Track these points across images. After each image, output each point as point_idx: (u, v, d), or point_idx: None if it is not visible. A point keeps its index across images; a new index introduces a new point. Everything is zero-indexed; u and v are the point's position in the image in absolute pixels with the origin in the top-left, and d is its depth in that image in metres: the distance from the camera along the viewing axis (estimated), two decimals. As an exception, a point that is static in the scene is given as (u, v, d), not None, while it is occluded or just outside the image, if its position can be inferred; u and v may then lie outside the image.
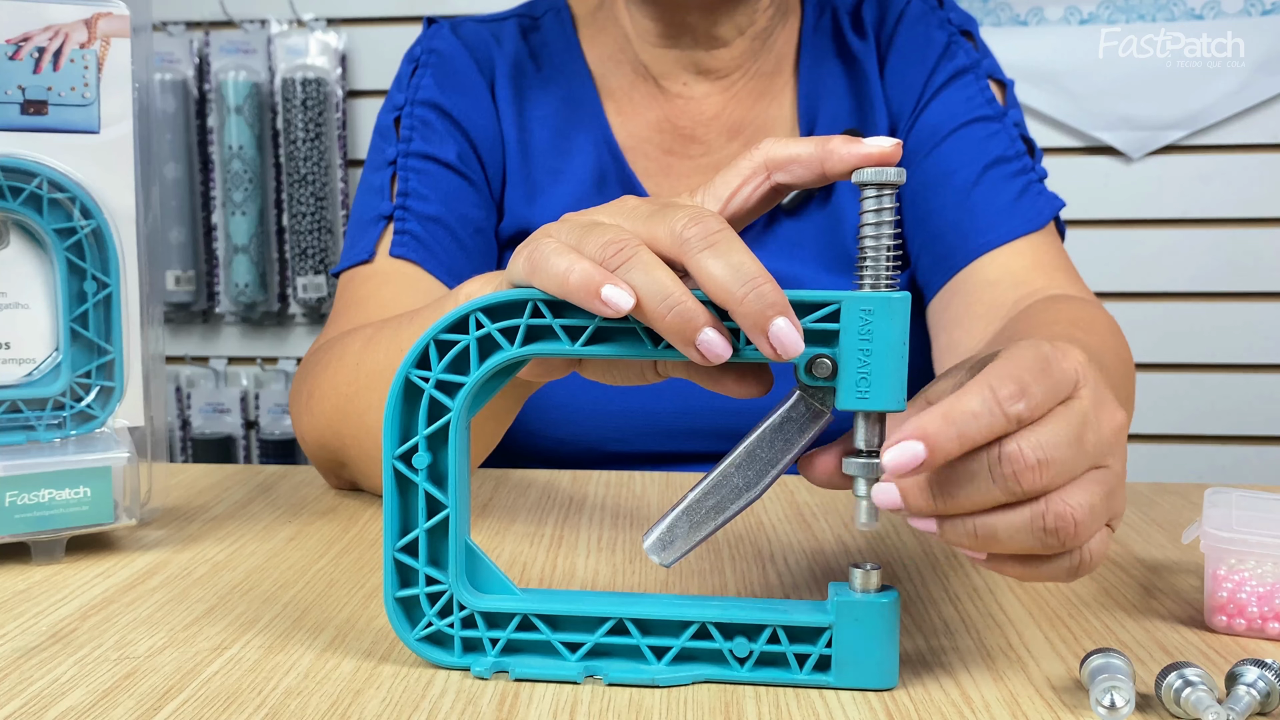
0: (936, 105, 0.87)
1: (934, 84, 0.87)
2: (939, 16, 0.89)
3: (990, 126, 0.86)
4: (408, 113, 0.88)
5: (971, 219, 0.83)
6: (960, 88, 0.87)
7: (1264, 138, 1.82)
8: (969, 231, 0.83)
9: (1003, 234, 0.82)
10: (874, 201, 0.43)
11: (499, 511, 0.71)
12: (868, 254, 0.43)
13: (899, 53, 0.88)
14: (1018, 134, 0.86)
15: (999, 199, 0.83)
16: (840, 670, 0.44)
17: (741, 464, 0.45)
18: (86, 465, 0.60)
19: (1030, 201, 0.83)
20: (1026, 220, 0.82)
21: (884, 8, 0.90)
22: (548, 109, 0.90)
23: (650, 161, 0.89)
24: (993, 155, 0.84)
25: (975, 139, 0.85)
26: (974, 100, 0.87)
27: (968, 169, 0.84)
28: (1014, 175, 0.84)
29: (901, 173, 0.43)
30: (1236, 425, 1.88)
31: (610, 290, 0.42)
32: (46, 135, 0.60)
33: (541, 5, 0.95)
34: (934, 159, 0.86)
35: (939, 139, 0.86)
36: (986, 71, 0.88)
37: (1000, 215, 0.82)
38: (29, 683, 0.45)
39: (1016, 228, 0.82)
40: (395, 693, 0.44)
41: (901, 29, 0.89)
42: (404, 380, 0.45)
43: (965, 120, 0.86)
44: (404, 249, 0.83)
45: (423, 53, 0.91)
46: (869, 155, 0.45)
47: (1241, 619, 0.50)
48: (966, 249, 0.82)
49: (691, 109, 0.89)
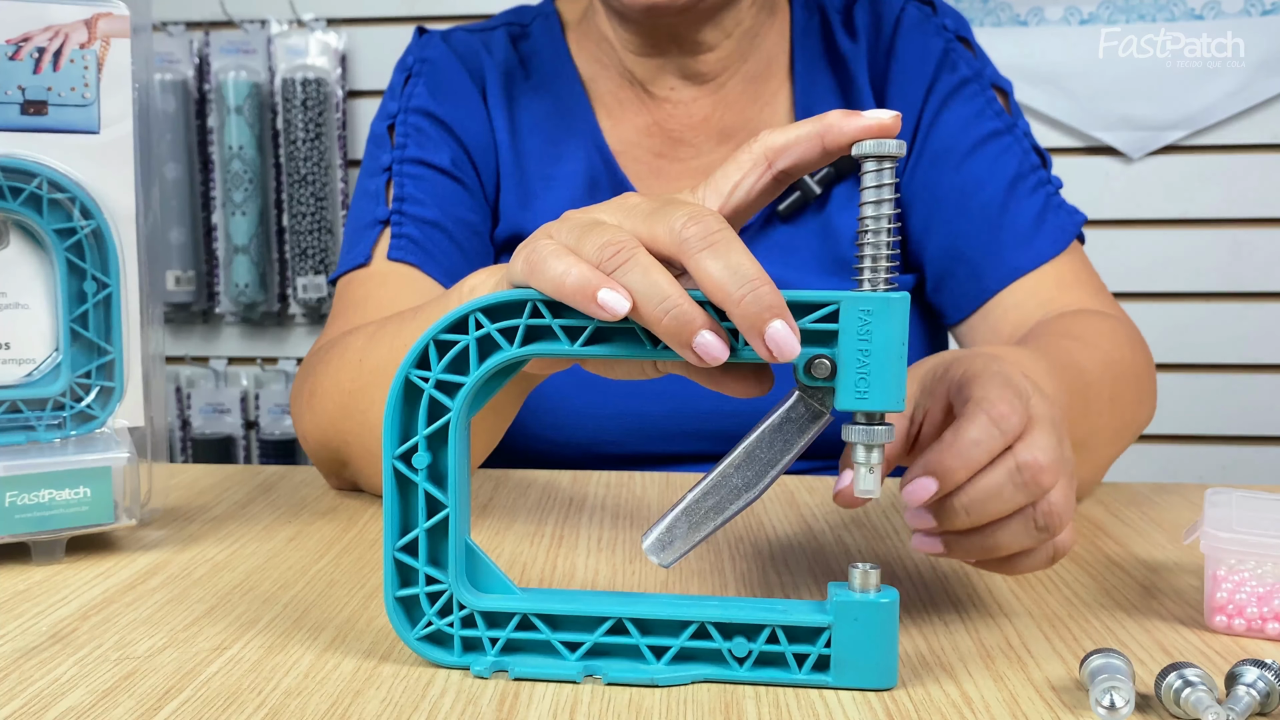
0: (947, 121, 0.86)
1: (937, 94, 0.87)
2: (935, 23, 0.89)
3: (1003, 141, 0.86)
4: (401, 120, 0.89)
5: (998, 246, 0.83)
6: (966, 100, 0.87)
7: (1264, 138, 1.82)
8: (996, 259, 0.83)
9: (1030, 259, 0.83)
10: (874, 176, 0.43)
11: (499, 511, 0.71)
12: (868, 230, 0.43)
13: (900, 62, 0.88)
14: (1029, 145, 0.86)
15: (1022, 221, 0.83)
16: (839, 670, 0.44)
17: (741, 464, 0.45)
18: (86, 465, 0.60)
19: (1053, 220, 0.84)
20: (1052, 242, 0.83)
21: (878, 13, 0.90)
22: (539, 115, 0.90)
23: (641, 165, 0.89)
24: (1010, 173, 0.85)
25: (991, 157, 0.85)
26: (984, 114, 0.86)
27: (988, 191, 0.84)
28: (1033, 191, 0.84)
29: (902, 145, 0.43)
30: (1236, 425, 1.88)
31: (606, 294, 0.42)
32: (46, 135, 0.60)
33: (531, 12, 0.95)
34: (952, 180, 0.85)
35: (956, 160, 0.86)
36: (990, 80, 0.88)
37: (1025, 239, 0.83)
38: (29, 683, 0.45)
39: (1043, 251, 0.83)
40: (395, 692, 0.45)
41: (900, 38, 0.88)
42: (404, 380, 0.45)
43: (979, 138, 0.86)
44: (401, 252, 0.84)
45: (415, 62, 0.92)
46: (868, 126, 0.45)
47: (1241, 619, 0.50)
48: (996, 275, 0.83)
49: (680, 113, 0.89)
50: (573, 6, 0.94)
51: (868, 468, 0.44)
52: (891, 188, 0.43)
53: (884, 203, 0.43)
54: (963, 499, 0.47)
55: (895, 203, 0.43)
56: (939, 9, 0.90)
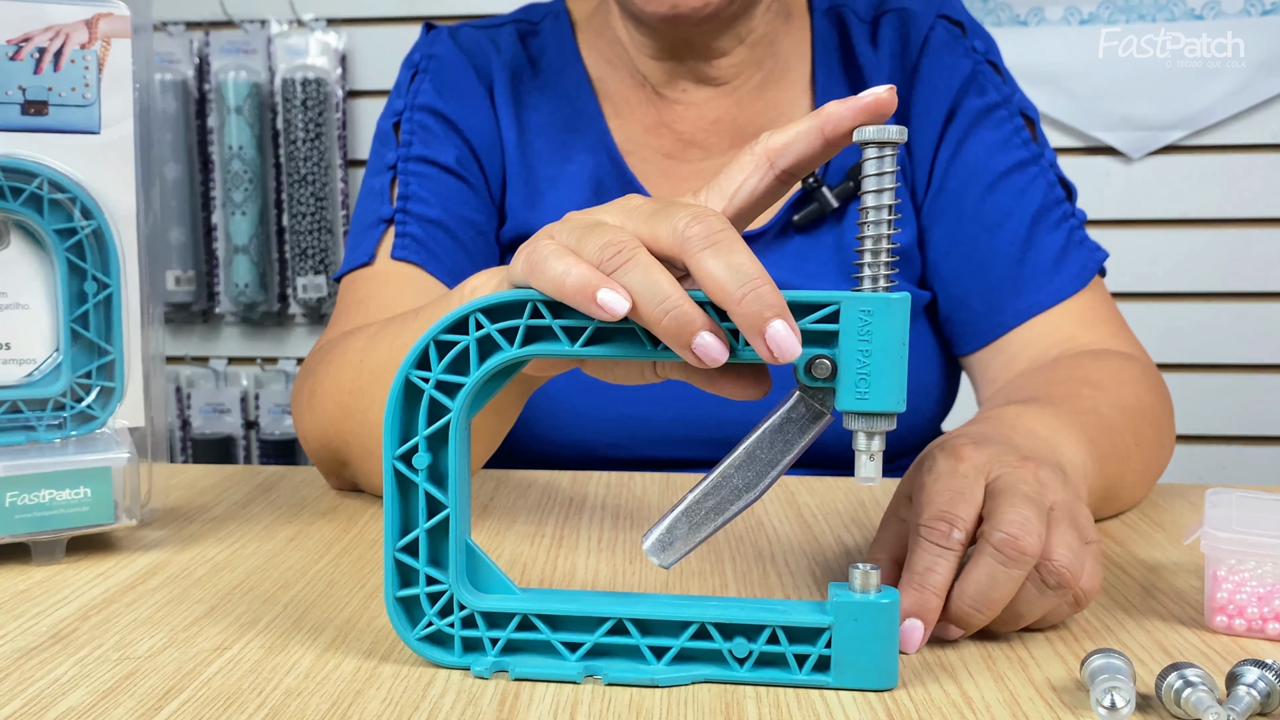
0: (974, 147, 0.86)
1: (964, 117, 0.86)
2: (964, 45, 0.88)
3: (1029, 172, 0.85)
4: (407, 118, 0.89)
5: (1019, 281, 0.83)
6: (994, 127, 0.86)
7: (1264, 138, 1.82)
8: (1016, 294, 0.83)
9: (1051, 295, 0.82)
10: (875, 164, 0.43)
11: (499, 512, 0.71)
12: (869, 219, 0.43)
13: (925, 83, 0.87)
14: (1054, 176, 0.85)
15: (1044, 257, 0.83)
16: (839, 670, 0.44)
17: (741, 465, 0.45)
18: (86, 465, 0.60)
19: (1075, 256, 0.83)
20: (1074, 278, 0.82)
21: (906, 31, 0.88)
22: (546, 113, 0.90)
23: (650, 165, 0.89)
24: (1035, 206, 0.84)
25: (1016, 189, 0.84)
26: (1010, 142, 0.85)
27: (1012, 224, 0.84)
28: (1057, 224, 0.84)
29: (903, 131, 0.43)
30: (1236, 425, 1.88)
31: (606, 294, 0.42)
32: (47, 135, 0.60)
33: (541, 10, 0.95)
34: (976, 209, 0.85)
35: (981, 188, 0.85)
36: (1018, 107, 0.87)
37: (1047, 275, 0.83)
38: (29, 683, 0.45)
39: (1064, 288, 0.82)
40: (395, 693, 0.45)
41: (926, 57, 0.87)
42: (404, 381, 0.45)
43: (1006, 168, 0.85)
44: (405, 251, 0.83)
45: (421, 59, 0.91)
46: (864, 106, 0.45)
47: (1241, 619, 0.50)
48: (1015, 310, 0.83)
49: (691, 114, 0.88)
50: (583, 5, 0.94)
51: (868, 455, 0.44)
52: (893, 175, 0.43)
53: (885, 191, 0.43)
54: (965, 602, 0.48)
55: (896, 191, 0.43)
56: (969, 30, 0.89)
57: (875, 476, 0.44)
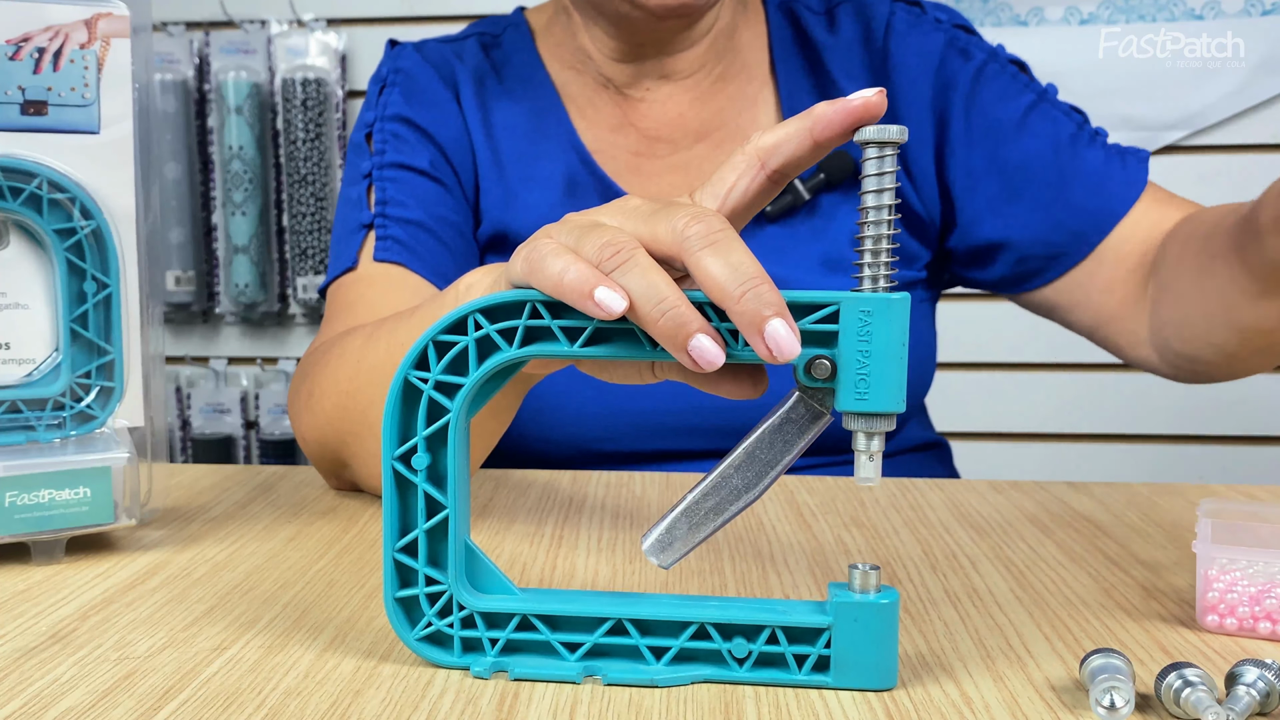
0: (985, 101, 0.88)
1: (962, 81, 0.88)
2: (928, 20, 0.90)
3: (1043, 109, 0.89)
4: (379, 128, 0.91)
5: (1082, 201, 0.86)
6: (992, 79, 0.89)
7: (1264, 138, 1.82)
8: (1085, 211, 0.86)
9: (1125, 200, 0.86)
10: (875, 164, 0.43)
11: (499, 512, 0.71)
12: (869, 220, 0.43)
13: (902, 68, 0.89)
14: (1065, 106, 0.89)
15: (1094, 170, 0.87)
16: (839, 671, 0.44)
17: (741, 465, 0.45)
18: (86, 465, 0.60)
19: (1119, 160, 0.87)
20: (1137, 178, 0.87)
21: (866, 19, 0.90)
22: (514, 118, 0.91)
23: (619, 163, 0.90)
24: (1065, 134, 0.88)
25: (1040, 126, 0.88)
26: (1013, 88, 0.89)
27: (1051, 155, 0.87)
28: (1090, 142, 0.88)
29: (903, 130, 0.43)
30: (1236, 425, 1.88)
31: (603, 292, 0.42)
32: (46, 135, 0.60)
33: (501, 22, 0.97)
34: (1014, 157, 0.88)
35: (1007, 135, 0.88)
36: (1006, 58, 0.90)
37: (1111, 183, 0.86)
38: (29, 683, 0.45)
39: (1133, 190, 0.86)
40: (395, 693, 0.45)
41: (894, 42, 0.89)
42: (403, 381, 0.45)
43: (1022, 111, 0.88)
44: (388, 253, 0.84)
45: (389, 72, 0.94)
46: (854, 109, 0.44)
47: (1233, 619, 0.50)
48: (1098, 224, 0.86)
49: (655, 112, 0.90)
50: (540, 15, 0.96)
51: (868, 455, 0.44)
52: (893, 176, 0.43)
53: (885, 191, 0.43)
54: None
55: (896, 192, 0.43)
56: (926, 7, 0.91)
57: (874, 477, 0.44)
